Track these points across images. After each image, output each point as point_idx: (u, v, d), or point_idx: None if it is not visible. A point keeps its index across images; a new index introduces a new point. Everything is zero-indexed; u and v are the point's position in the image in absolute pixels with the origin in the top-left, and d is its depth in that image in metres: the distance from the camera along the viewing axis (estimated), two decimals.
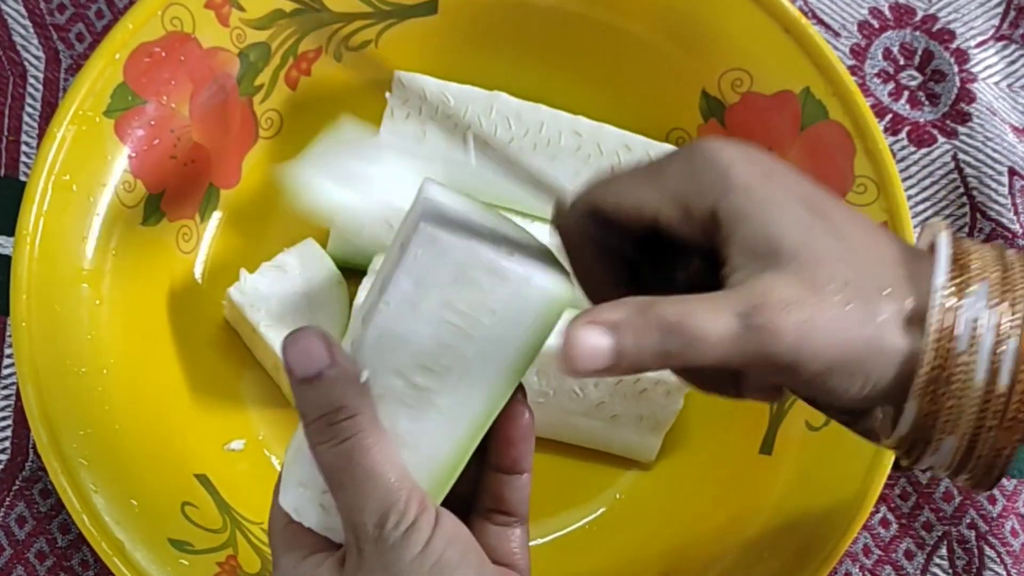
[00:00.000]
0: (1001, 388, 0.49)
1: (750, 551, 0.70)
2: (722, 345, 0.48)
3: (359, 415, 0.50)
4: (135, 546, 0.67)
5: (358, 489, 0.50)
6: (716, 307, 0.48)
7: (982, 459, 0.51)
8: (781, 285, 0.49)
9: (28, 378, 0.68)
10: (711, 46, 0.74)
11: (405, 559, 0.49)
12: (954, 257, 0.51)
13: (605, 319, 0.48)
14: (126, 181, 0.72)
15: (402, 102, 0.75)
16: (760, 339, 0.48)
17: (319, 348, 0.50)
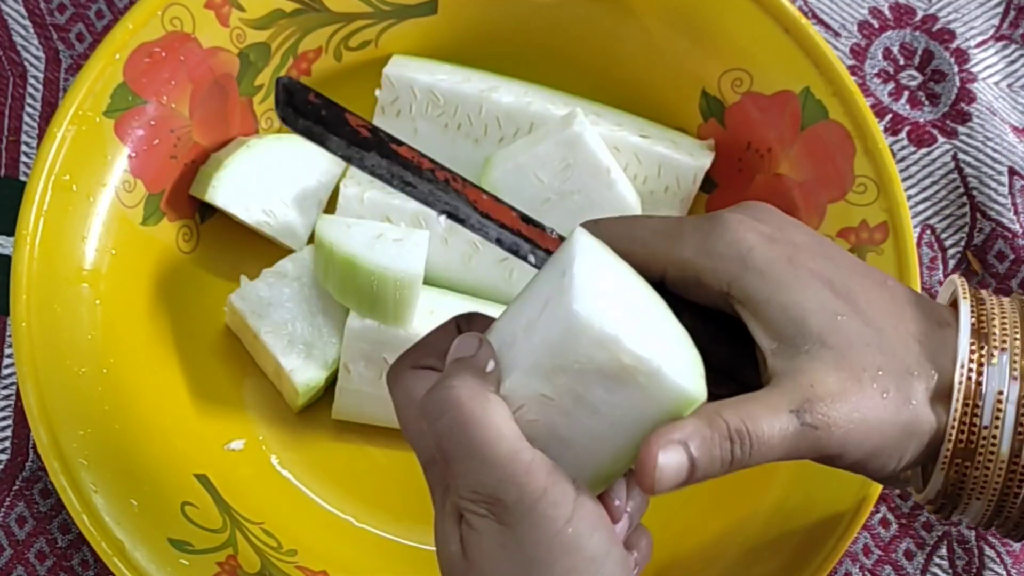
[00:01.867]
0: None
1: (750, 551, 0.70)
2: (781, 446, 0.50)
3: (458, 386, 0.49)
4: (135, 546, 0.67)
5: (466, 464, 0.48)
6: (772, 407, 0.50)
7: (1010, 518, 0.54)
8: (823, 374, 0.51)
9: (28, 378, 0.68)
10: (711, 46, 0.74)
11: (541, 538, 0.47)
12: (976, 327, 0.53)
13: (680, 438, 0.49)
14: (126, 181, 0.72)
15: (391, 100, 0.75)
16: (816, 436, 0.50)
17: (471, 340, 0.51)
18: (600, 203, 0.73)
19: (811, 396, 0.50)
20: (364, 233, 0.70)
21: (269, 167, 0.74)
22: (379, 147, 0.52)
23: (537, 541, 0.47)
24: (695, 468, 0.49)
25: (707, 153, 0.75)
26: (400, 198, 0.75)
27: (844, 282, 0.53)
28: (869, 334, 0.52)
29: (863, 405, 0.51)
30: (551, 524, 0.48)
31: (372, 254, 0.70)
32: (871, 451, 0.51)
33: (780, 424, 0.50)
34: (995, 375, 0.52)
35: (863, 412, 0.51)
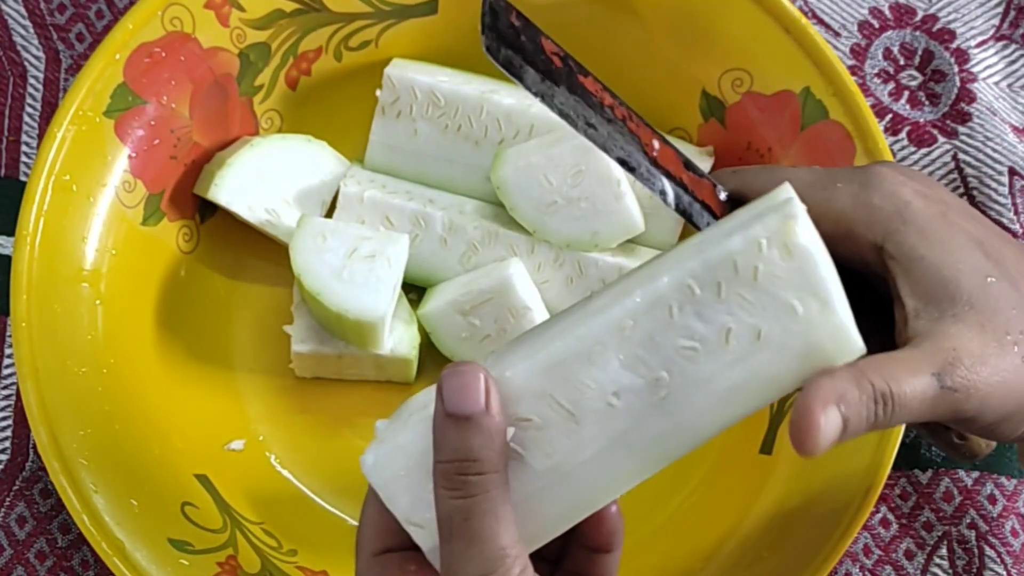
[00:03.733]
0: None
1: (750, 550, 0.70)
2: (920, 408, 0.50)
3: (492, 474, 0.49)
4: (135, 546, 0.67)
5: (466, 547, 0.48)
6: (914, 369, 0.50)
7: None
8: (967, 338, 0.50)
9: (28, 378, 0.68)
10: (711, 46, 0.74)
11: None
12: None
13: (831, 397, 0.48)
14: (126, 181, 0.72)
15: (392, 100, 0.75)
16: (955, 399, 0.50)
17: (479, 390, 0.48)
18: (605, 213, 0.73)
19: (953, 359, 0.50)
20: (337, 250, 0.71)
21: (273, 166, 0.74)
22: (568, 80, 0.50)
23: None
24: (846, 429, 0.49)
25: (706, 159, 0.75)
26: (400, 197, 0.75)
27: (994, 244, 0.53)
28: (1016, 298, 0.52)
29: (1003, 368, 0.50)
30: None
31: (337, 289, 0.70)
32: (1007, 414, 0.51)
33: (921, 386, 0.49)
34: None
35: (1003, 376, 0.50)
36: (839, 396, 0.48)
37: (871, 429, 0.50)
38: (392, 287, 0.71)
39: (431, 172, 0.76)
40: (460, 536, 0.49)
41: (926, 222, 0.52)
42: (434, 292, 0.74)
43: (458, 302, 0.73)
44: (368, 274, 0.70)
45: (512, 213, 0.74)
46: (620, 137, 0.51)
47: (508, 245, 0.74)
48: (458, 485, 0.49)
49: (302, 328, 0.73)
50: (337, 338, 0.73)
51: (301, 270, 0.70)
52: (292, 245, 0.71)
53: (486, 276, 0.73)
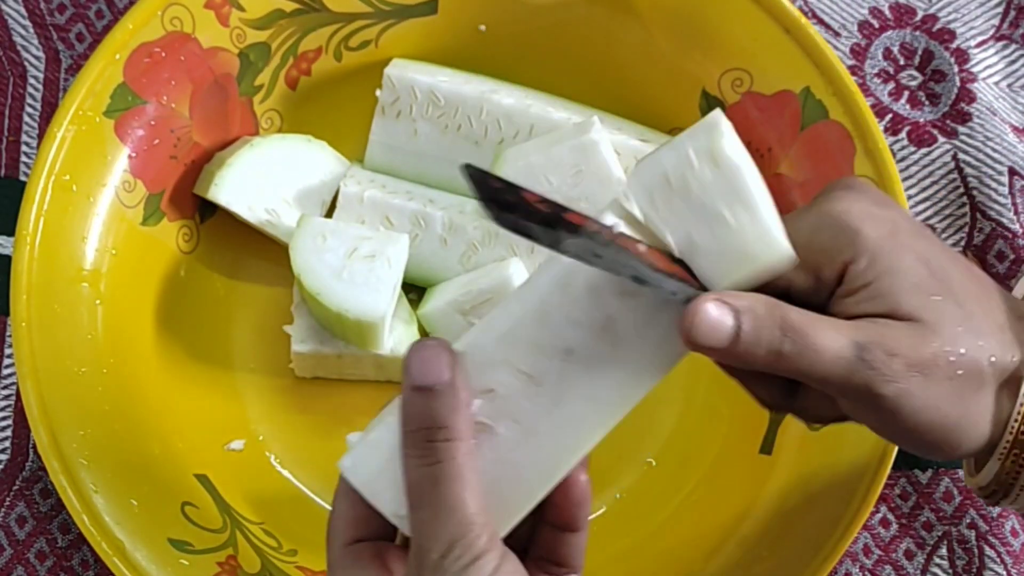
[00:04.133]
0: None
1: (750, 550, 0.70)
2: (833, 366, 0.50)
3: (458, 440, 0.50)
4: (135, 546, 0.67)
5: (435, 514, 0.49)
6: (837, 327, 0.50)
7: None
8: (901, 333, 0.51)
9: (28, 378, 0.68)
10: (711, 46, 0.74)
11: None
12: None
13: (732, 302, 0.50)
14: (126, 181, 0.72)
15: (392, 100, 0.75)
16: (870, 375, 0.50)
17: (442, 362, 0.50)
18: None
19: (879, 340, 0.50)
20: (337, 250, 0.71)
21: (273, 166, 0.74)
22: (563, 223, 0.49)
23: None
24: (739, 338, 0.50)
25: None
26: (400, 197, 0.75)
27: (941, 263, 0.53)
28: (961, 316, 0.52)
29: (932, 374, 0.51)
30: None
31: (337, 289, 0.70)
32: (929, 423, 0.51)
33: (838, 344, 0.50)
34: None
35: (928, 379, 0.51)
36: (741, 306, 0.50)
37: (777, 362, 0.50)
38: (392, 287, 0.71)
39: (431, 172, 0.76)
40: (428, 503, 0.50)
41: (876, 246, 0.52)
42: (434, 292, 0.74)
43: (458, 302, 0.73)
44: (368, 274, 0.70)
45: None
46: (622, 255, 0.52)
47: (508, 245, 0.74)
48: (426, 452, 0.50)
49: (302, 328, 0.73)
50: (337, 338, 0.72)
51: (301, 270, 0.70)
52: (292, 245, 0.71)
53: (486, 276, 0.73)
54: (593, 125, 0.72)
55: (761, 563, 0.69)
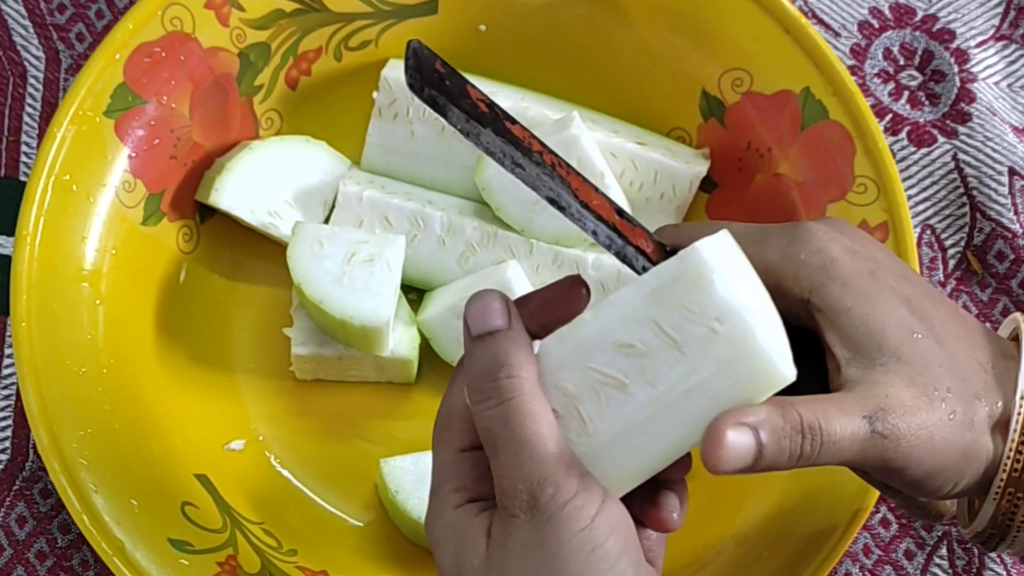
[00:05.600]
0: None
1: (750, 551, 0.70)
2: (851, 449, 0.51)
3: (522, 377, 0.49)
4: (135, 546, 0.67)
5: (514, 454, 0.49)
6: (847, 410, 0.51)
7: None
8: (898, 387, 0.51)
9: (28, 378, 0.68)
10: (711, 46, 0.74)
11: (563, 536, 0.48)
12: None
13: (747, 420, 0.49)
14: (126, 181, 0.72)
15: (389, 102, 0.75)
16: (884, 445, 0.51)
17: (498, 309, 0.50)
18: None
19: (885, 406, 0.51)
20: (335, 256, 0.71)
21: (272, 168, 0.74)
22: (494, 124, 0.52)
23: (558, 539, 0.48)
24: (762, 455, 0.49)
25: (702, 161, 0.75)
26: (399, 198, 0.75)
27: (921, 302, 0.54)
28: (943, 355, 0.53)
29: (931, 422, 0.52)
30: (574, 524, 0.48)
31: (339, 296, 0.70)
32: (931, 470, 0.52)
33: (852, 427, 0.50)
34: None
35: (930, 429, 0.51)
36: (758, 421, 0.49)
37: (797, 463, 0.50)
38: (393, 290, 0.71)
39: (428, 174, 0.76)
40: (505, 446, 0.49)
41: (851, 276, 0.53)
42: (432, 297, 0.74)
43: (457, 307, 0.73)
44: (369, 278, 0.70)
45: (499, 214, 0.74)
46: (548, 179, 0.52)
47: (506, 246, 0.74)
48: (491, 393, 0.49)
49: (302, 331, 0.73)
50: (338, 341, 0.72)
51: (301, 279, 0.70)
52: (289, 254, 0.71)
53: (484, 280, 0.73)
54: (573, 120, 0.72)
55: (761, 563, 0.69)
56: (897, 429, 0.51)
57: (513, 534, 0.49)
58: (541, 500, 0.48)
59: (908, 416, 0.51)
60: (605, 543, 0.49)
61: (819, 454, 0.50)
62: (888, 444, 0.51)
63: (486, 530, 0.50)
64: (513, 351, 0.50)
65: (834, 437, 0.50)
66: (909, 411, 0.51)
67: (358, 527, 0.74)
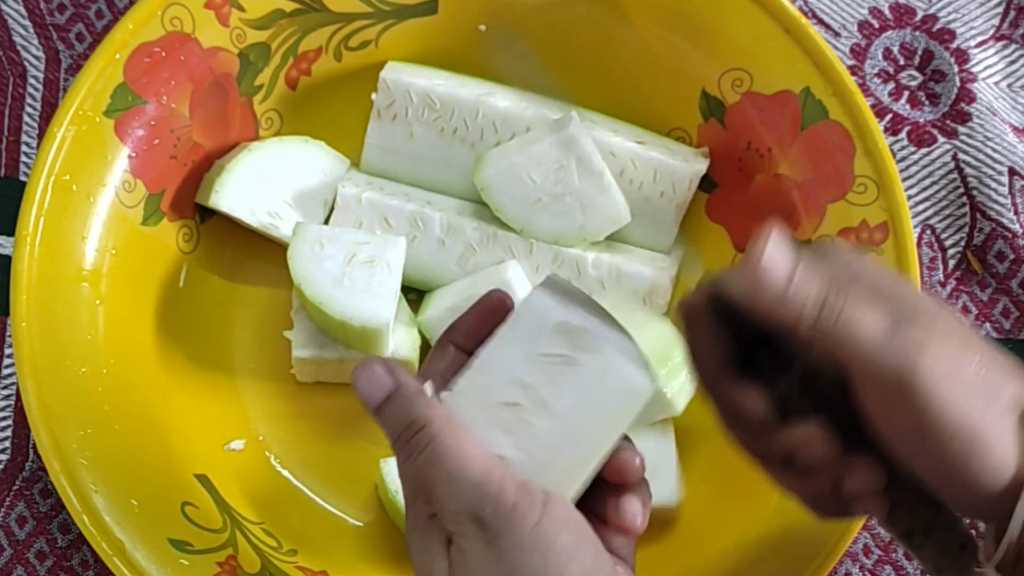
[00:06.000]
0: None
1: (750, 551, 0.70)
2: (867, 340, 0.50)
3: (430, 424, 0.51)
4: (135, 546, 0.67)
5: (444, 490, 0.50)
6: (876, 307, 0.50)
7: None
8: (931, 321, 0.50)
9: (28, 378, 0.68)
10: (711, 46, 0.74)
11: (515, 542, 0.49)
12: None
13: (791, 245, 0.51)
14: (126, 181, 0.72)
15: (388, 104, 0.75)
16: (904, 354, 0.49)
17: (382, 374, 0.53)
18: (591, 206, 0.73)
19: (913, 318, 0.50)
20: (336, 257, 0.71)
21: (272, 169, 0.74)
22: None
23: (513, 546, 0.49)
24: (791, 282, 0.50)
25: (702, 159, 0.75)
26: (398, 199, 0.75)
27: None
28: (966, 330, 0.52)
29: (959, 364, 0.50)
30: (522, 528, 0.50)
31: (339, 297, 0.70)
32: (957, 423, 0.49)
33: (874, 315, 0.50)
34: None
35: (958, 369, 0.50)
36: (795, 261, 0.50)
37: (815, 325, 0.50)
38: (394, 292, 0.71)
39: (427, 175, 0.76)
40: (436, 483, 0.51)
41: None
42: (432, 298, 0.74)
43: (457, 307, 0.72)
44: (369, 279, 0.70)
45: (498, 214, 0.74)
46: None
47: (506, 247, 0.74)
48: (410, 449, 0.52)
49: (302, 333, 0.73)
50: (339, 343, 0.72)
51: (301, 280, 0.70)
52: (290, 255, 0.71)
53: (484, 280, 0.73)
54: (572, 120, 0.72)
55: (761, 563, 0.69)
56: (920, 343, 0.49)
57: (469, 555, 0.50)
58: (484, 518, 0.50)
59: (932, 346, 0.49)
60: (557, 539, 0.50)
61: (835, 324, 0.50)
62: (911, 354, 0.49)
63: (446, 550, 0.52)
64: (411, 406, 0.52)
65: (854, 315, 0.50)
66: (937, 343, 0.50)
67: (358, 527, 0.74)
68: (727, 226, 0.77)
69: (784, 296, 0.51)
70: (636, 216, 0.75)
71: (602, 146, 0.74)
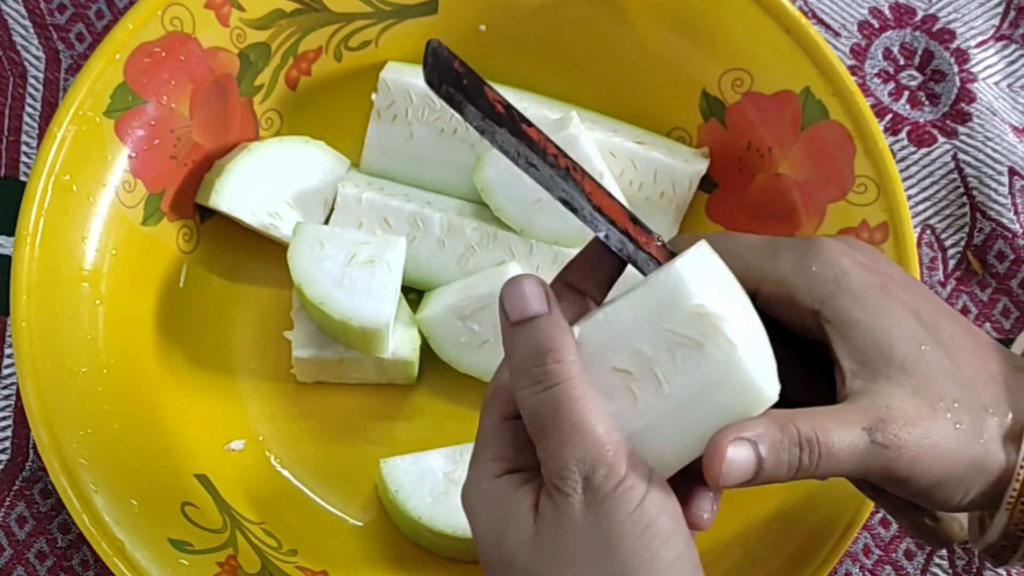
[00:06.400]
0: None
1: (750, 551, 0.70)
2: (850, 460, 0.51)
3: (569, 361, 0.50)
4: (135, 546, 0.67)
5: (564, 438, 0.49)
6: (846, 422, 0.51)
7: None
8: (900, 398, 0.52)
9: (28, 378, 0.68)
10: (711, 46, 0.74)
11: (617, 516, 0.49)
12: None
13: (747, 435, 0.50)
14: (126, 181, 0.72)
15: (388, 104, 0.75)
16: (885, 455, 0.51)
17: (537, 293, 0.50)
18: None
19: (885, 417, 0.51)
20: (336, 257, 0.71)
21: (272, 170, 0.74)
22: (510, 124, 0.53)
23: (612, 519, 0.49)
24: (761, 468, 0.50)
25: (702, 160, 0.75)
26: (398, 199, 0.75)
27: (931, 315, 0.54)
28: (950, 367, 0.53)
29: (935, 432, 0.52)
30: (627, 504, 0.49)
31: (339, 297, 0.70)
32: (938, 479, 0.52)
33: (851, 438, 0.51)
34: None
35: (934, 439, 0.52)
36: (757, 435, 0.50)
37: (797, 475, 0.51)
38: (394, 292, 0.71)
39: (427, 175, 0.76)
40: (554, 429, 0.49)
41: (862, 290, 0.53)
42: (432, 296, 0.74)
43: (456, 307, 0.73)
44: (369, 280, 0.70)
45: (497, 214, 0.74)
46: (562, 181, 0.54)
47: (506, 247, 0.74)
48: (539, 377, 0.50)
49: (302, 333, 0.73)
50: (339, 343, 0.72)
51: (302, 280, 0.70)
52: (290, 255, 0.71)
53: (485, 281, 0.73)
54: (572, 120, 0.72)
55: (762, 563, 0.69)
56: (898, 439, 0.51)
57: (567, 513, 0.49)
58: (594, 481, 0.49)
59: (910, 426, 0.51)
60: (656, 520, 0.50)
61: (818, 466, 0.51)
62: (890, 454, 0.51)
63: (532, 505, 0.51)
64: (557, 336, 0.50)
65: (832, 449, 0.51)
66: (911, 421, 0.51)
67: (358, 527, 0.74)
68: (727, 226, 0.77)
69: (760, 480, 0.51)
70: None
71: (602, 146, 0.74)
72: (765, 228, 0.74)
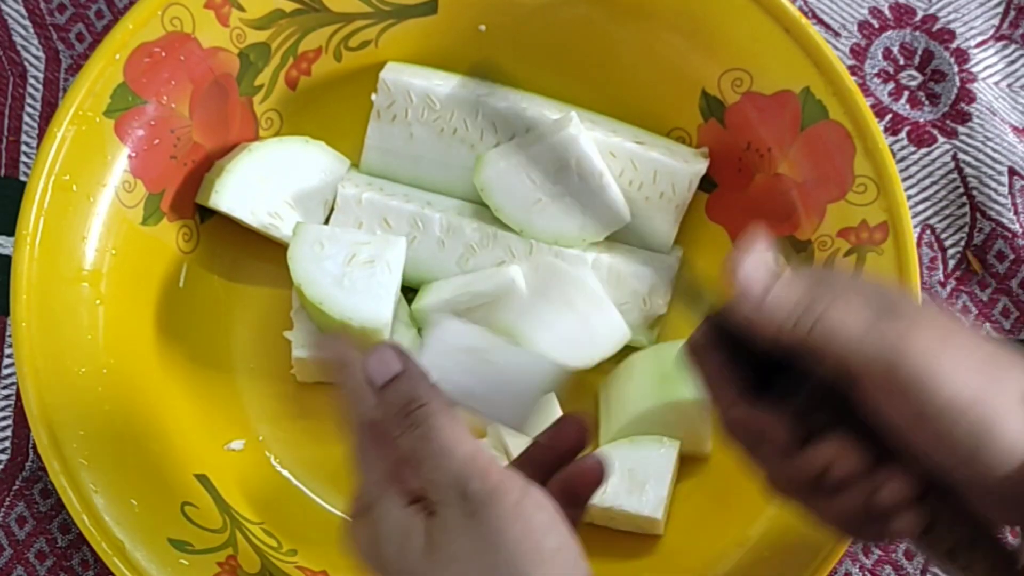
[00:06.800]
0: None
1: (750, 551, 0.70)
2: (855, 327, 0.51)
3: (430, 403, 0.54)
4: (135, 546, 0.67)
5: (436, 462, 0.52)
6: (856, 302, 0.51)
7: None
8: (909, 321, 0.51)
9: (28, 378, 0.68)
10: (711, 46, 0.74)
11: (497, 512, 0.51)
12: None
13: (773, 257, 0.53)
14: (126, 181, 0.72)
15: (387, 104, 0.75)
16: (889, 340, 0.50)
17: (392, 357, 0.55)
18: (591, 206, 0.73)
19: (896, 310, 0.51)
20: (336, 257, 0.71)
21: (272, 170, 0.74)
22: None
23: (493, 517, 0.51)
24: (768, 288, 0.52)
25: (701, 160, 0.75)
26: (398, 199, 0.75)
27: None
28: (972, 333, 0.53)
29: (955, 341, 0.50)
30: (504, 503, 0.51)
31: (339, 298, 0.70)
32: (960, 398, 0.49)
33: (855, 315, 0.51)
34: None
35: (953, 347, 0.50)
36: (774, 263, 0.53)
37: (799, 320, 0.51)
38: (394, 292, 0.71)
39: (427, 175, 0.76)
40: (427, 456, 0.53)
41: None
42: (430, 288, 0.74)
43: (455, 301, 0.73)
44: (369, 280, 0.70)
45: (497, 214, 0.74)
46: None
47: (506, 247, 0.74)
48: (408, 423, 0.54)
49: (302, 333, 0.73)
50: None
51: (301, 280, 0.70)
52: (290, 255, 0.71)
53: (486, 279, 0.73)
54: (571, 120, 0.72)
55: (762, 563, 0.69)
56: (903, 327, 0.50)
57: (450, 520, 0.52)
58: (469, 492, 0.52)
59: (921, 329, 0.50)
60: (535, 516, 0.52)
61: (820, 323, 0.51)
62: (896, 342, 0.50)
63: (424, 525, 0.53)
64: (417, 386, 0.55)
65: (838, 311, 0.51)
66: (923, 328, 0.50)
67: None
68: (727, 226, 0.77)
69: (761, 305, 0.52)
70: (636, 216, 0.75)
71: (601, 146, 0.74)
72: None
